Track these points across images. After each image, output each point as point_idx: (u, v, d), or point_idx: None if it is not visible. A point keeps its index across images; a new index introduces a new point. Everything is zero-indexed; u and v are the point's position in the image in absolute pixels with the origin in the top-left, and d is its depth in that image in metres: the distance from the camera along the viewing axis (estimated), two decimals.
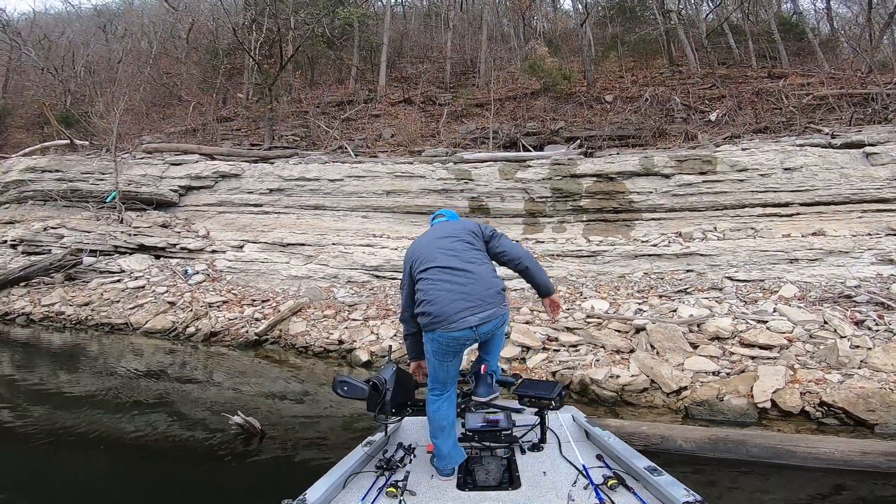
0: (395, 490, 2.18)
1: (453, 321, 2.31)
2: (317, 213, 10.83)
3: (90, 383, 5.60)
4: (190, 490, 3.26)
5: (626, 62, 16.86)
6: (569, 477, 2.30)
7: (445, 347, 2.42)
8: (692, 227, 8.74)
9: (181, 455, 3.72)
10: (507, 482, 2.33)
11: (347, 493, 2.24)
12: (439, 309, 2.34)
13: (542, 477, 2.34)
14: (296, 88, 18.03)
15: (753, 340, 5.29)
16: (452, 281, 2.40)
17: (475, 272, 2.45)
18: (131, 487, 3.29)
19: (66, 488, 3.21)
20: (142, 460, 3.66)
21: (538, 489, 2.24)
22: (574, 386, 5.14)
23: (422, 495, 2.24)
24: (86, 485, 3.29)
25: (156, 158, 12.11)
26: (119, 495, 3.18)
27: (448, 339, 2.37)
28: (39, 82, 22.20)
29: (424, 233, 2.80)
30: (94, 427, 4.29)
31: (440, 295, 2.37)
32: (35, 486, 3.23)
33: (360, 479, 2.35)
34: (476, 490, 2.29)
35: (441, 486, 2.34)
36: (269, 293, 8.81)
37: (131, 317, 8.02)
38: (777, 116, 11.04)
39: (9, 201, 12.38)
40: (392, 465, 2.43)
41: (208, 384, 5.72)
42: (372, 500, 2.14)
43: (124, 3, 30.08)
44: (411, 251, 2.68)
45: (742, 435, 3.75)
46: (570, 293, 7.68)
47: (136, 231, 10.12)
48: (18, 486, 3.22)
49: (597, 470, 2.28)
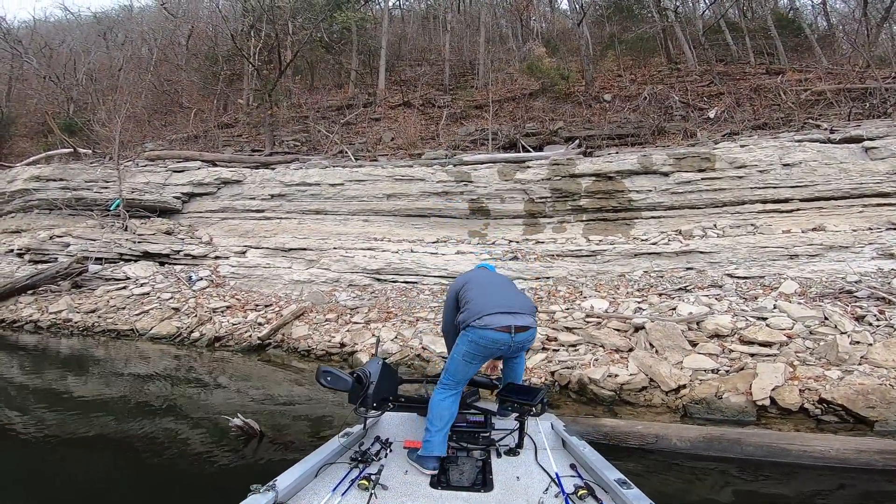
0: (367, 483, 2.17)
1: (493, 316, 2.59)
2: (318, 218, 10.91)
3: (96, 387, 5.68)
4: (189, 490, 3.31)
5: (624, 61, 16.87)
6: (541, 484, 2.32)
7: (481, 349, 2.63)
8: (692, 225, 8.75)
9: (181, 456, 3.76)
10: (480, 484, 2.33)
11: (319, 482, 2.23)
12: (482, 305, 2.65)
13: (516, 482, 2.36)
14: (295, 93, 18.14)
15: (753, 338, 5.30)
16: (497, 291, 2.82)
17: (516, 290, 2.95)
18: (131, 487, 3.34)
19: (67, 488, 3.27)
20: (143, 461, 3.70)
21: (510, 493, 2.25)
22: (572, 386, 5.15)
23: (394, 490, 2.24)
24: (87, 485, 3.34)
25: (158, 166, 12.24)
26: (119, 495, 3.23)
27: (487, 341, 2.59)
28: (42, 90, 22.27)
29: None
30: (97, 429, 4.36)
31: (485, 298, 2.73)
32: (37, 486, 3.28)
33: (333, 469, 2.34)
34: (449, 489, 2.30)
35: (414, 482, 2.35)
36: (272, 298, 8.87)
37: (137, 323, 8.11)
38: (776, 112, 11.03)
39: (14, 210, 12.53)
40: (367, 458, 2.43)
41: (212, 388, 5.78)
42: (343, 492, 2.13)
43: (124, 10, 30.30)
44: (460, 280, 3.06)
45: (737, 433, 3.77)
46: (569, 293, 7.70)
47: (141, 238, 10.23)
48: (21, 486, 3.29)
49: (569, 479, 2.29)
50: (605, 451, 3.76)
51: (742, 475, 3.35)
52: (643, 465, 3.62)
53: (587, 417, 4.52)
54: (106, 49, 25.34)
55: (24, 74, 23.53)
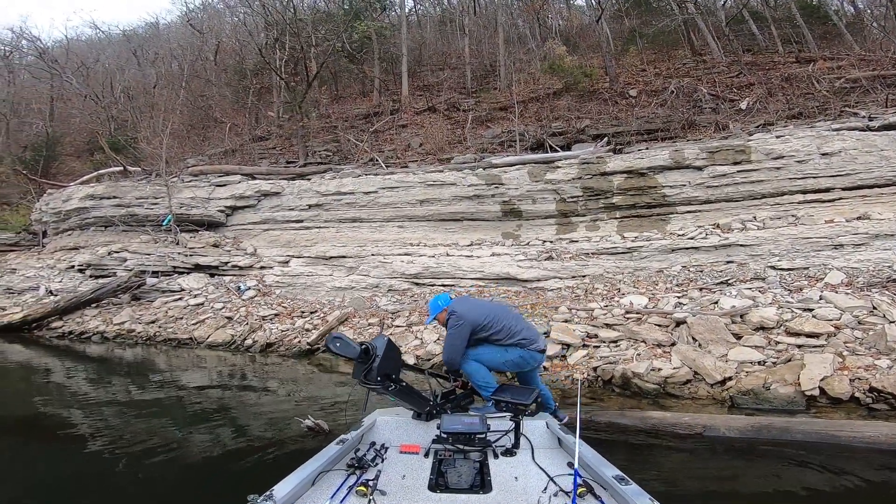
0: (365, 489, 2.15)
1: (536, 341, 3.62)
2: (355, 226, 11.30)
3: (171, 392, 6.06)
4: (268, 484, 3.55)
5: (646, 55, 16.74)
6: (539, 483, 2.31)
7: (523, 363, 3.59)
8: (730, 218, 8.72)
9: (258, 453, 3.95)
10: (478, 485, 2.33)
11: (316, 491, 2.20)
12: (528, 334, 3.59)
13: (514, 482, 2.36)
14: (323, 104, 18.68)
15: (799, 329, 5.33)
16: (524, 322, 3.84)
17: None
18: (212, 487, 3.49)
19: (140, 488, 3.45)
20: (226, 460, 3.92)
21: (509, 494, 2.25)
22: (616, 380, 5.27)
23: (392, 495, 2.22)
24: (159, 483, 3.52)
25: (201, 180, 12.86)
26: (193, 492, 3.41)
27: (530, 358, 3.58)
28: (83, 109, 23.04)
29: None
30: (173, 430, 4.68)
31: (521, 325, 3.66)
32: (108, 486, 3.49)
33: (330, 476, 2.31)
34: (447, 492, 2.28)
35: (412, 486, 2.34)
36: (316, 304, 9.27)
37: (195, 332, 8.62)
38: (810, 101, 10.84)
39: (71, 228, 13.38)
40: (363, 464, 2.40)
41: (272, 391, 6.13)
42: (341, 499, 2.09)
43: (150, 27, 31.25)
44: (471, 317, 3.52)
45: (786, 422, 3.84)
46: (607, 290, 7.82)
47: (192, 251, 10.83)
48: (89, 488, 3.48)
49: (567, 477, 2.23)
50: (649, 439, 3.93)
51: (791, 462, 3.43)
52: (692, 454, 3.73)
53: (633, 410, 4.67)
54: (138, 66, 26.17)
55: (64, 94, 24.34)
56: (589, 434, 4.01)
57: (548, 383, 5.61)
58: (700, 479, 3.39)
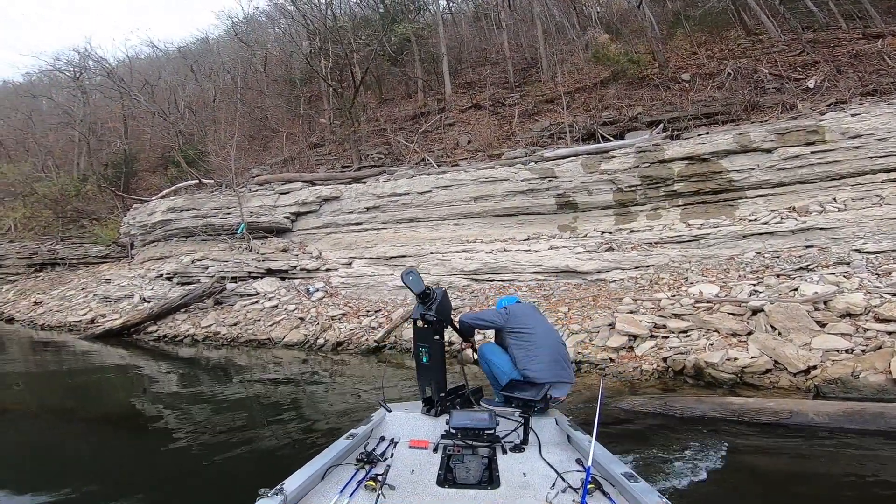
0: (374, 483, 2.16)
1: (544, 386, 3.23)
2: (412, 226, 11.69)
3: (260, 388, 6.62)
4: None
5: (696, 38, 15.97)
6: (548, 479, 2.31)
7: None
8: (807, 201, 8.34)
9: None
10: (486, 481, 2.33)
11: (326, 485, 2.23)
12: (543, 374, 3.34)
13: (522, 478, 2.36)
14: (370, 108, 19.27)
15: (890, 315, 5.11)
16: (555, 355, 3.52)
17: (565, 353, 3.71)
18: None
19: (214, 472, 3.78)
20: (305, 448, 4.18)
21: (517, 490, 2.25)
22: (688, 371, 5.26)
23: (401, 490, 2.23)
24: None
25: (266, 189, 13.74)
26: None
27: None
28: (153, 126, 24.53)
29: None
30: (253, 422, 5.10)
31: (550, 367, 3.41)
32: (194, 480, 3.79)
33: (339, 470, 2.33)
34: (456, 487, 2.30)
35: (421, 481, 2.35)
36: (380, 303, 9.69)
37: (272, 332, 9.26)
38: (884, 78, 10.09)
39: (157, 239, 14.69)
40: (373, 458, 2.41)
41: (346, 385, 6.57)
42: (351, 493, 2.11)
43: (201, 43, 32.74)
44: (519, 315, 3.53)
45: (880, 407, 3.76)
46: (674, 280, 7.72)
47: (264, 257, 11.64)
48: (175, 480, 3.81)
49: (575, 474, 2.26)
50: (729, 426, 3.92)
51: (885, 448, 3.38)
52: (777, 441, 3.71)
53: (712, 396, 4.67)
54: (196, 81, 27.49)
55: (134, 112, 25.95)
56: (632, 425, 4.16)
57: (615, 374, 5.71)
58: (785, 470, 3.36)
